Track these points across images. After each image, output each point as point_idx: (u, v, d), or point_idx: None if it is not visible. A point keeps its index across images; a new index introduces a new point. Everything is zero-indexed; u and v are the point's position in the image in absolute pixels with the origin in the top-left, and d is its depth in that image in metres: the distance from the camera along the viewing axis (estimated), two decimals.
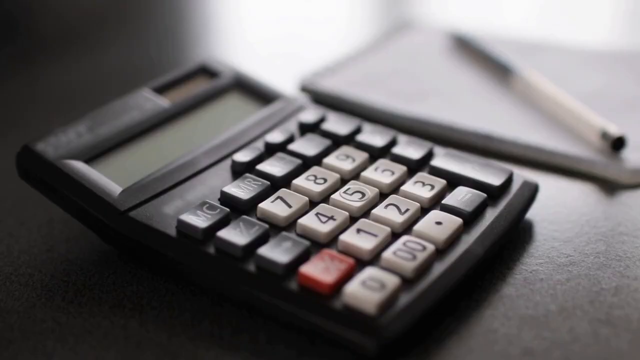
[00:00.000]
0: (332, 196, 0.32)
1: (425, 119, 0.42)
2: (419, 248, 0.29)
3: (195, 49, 0.55)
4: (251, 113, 0.38)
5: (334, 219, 0.31)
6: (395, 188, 0.33)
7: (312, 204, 0.32)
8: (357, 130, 0.37)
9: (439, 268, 0.29)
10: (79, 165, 0.33)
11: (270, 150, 0.35)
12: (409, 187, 0.33)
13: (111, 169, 0.33)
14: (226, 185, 0.33)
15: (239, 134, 0.36)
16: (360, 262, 0.29)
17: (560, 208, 0.36)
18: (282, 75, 0.46)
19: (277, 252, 0.29)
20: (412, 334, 0.28)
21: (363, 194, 0.32)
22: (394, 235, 0.31)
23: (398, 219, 0.31)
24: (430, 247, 0.30)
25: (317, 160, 0.35)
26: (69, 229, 0.35)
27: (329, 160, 0.35)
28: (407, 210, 0.31)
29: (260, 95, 0.39)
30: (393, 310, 0.27)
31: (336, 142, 0.36)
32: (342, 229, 0.31)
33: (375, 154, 0.35)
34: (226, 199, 0.32)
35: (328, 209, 0.31)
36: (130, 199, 0.32)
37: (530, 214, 0.35)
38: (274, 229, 0.31)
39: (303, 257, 0.29)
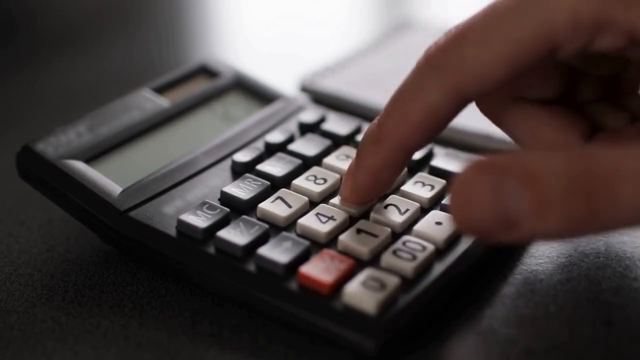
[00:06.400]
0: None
1: None
2: (418, 248, 0.29)
3: (195, 49, 0.55)
4: (251, 113, 0.38)
5: (334, 219, 0.31)
6: (395, 188, 0.33)
7: (312, 204, 0.32)
8: (357, 130, 0.37)
9: (439, 268, 0.29)
10: (79, 165, 0.33)
11: (271, 150, 0.35)
12: (408, 187, 0.33)
13: (111, 169, 0.33)
14: (226, 185, 0.33)
15: (239, 134, 0.36)
16: (360, 262, 0.29)
17: None
18: (282, 75, 0.46)
19: (277, 252, 0.29)
20: (412, 334, 0.28)
21: None
22: (394, 236, 0.31)
23: (398, 219, 0.31)
24: (430, 247, 0.30)
25: (317, 160, 0.35)
26: (69, 229, 0.35)
27: (329, 160, 0.35)
28: (407, 210, 0.31)
29: (261, 95, 0.39)
30: (393, 310, 0.27)
31: (336, 142, 0.36)
32: (342, 229, 0.31)
33: None
34: (226, 199, 0.32)
35: (328, 209, 0.31)
36: (130, 199, 0.32)
37: None
38: (274, 229, 0.31)
39: (303, 257, 0.29)
